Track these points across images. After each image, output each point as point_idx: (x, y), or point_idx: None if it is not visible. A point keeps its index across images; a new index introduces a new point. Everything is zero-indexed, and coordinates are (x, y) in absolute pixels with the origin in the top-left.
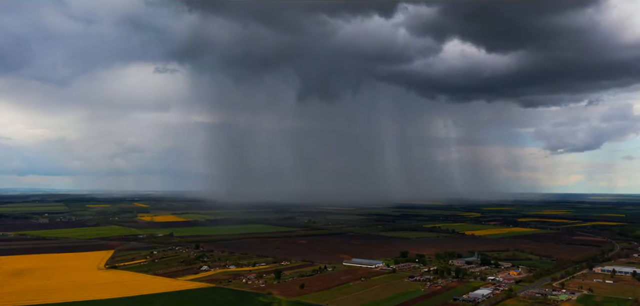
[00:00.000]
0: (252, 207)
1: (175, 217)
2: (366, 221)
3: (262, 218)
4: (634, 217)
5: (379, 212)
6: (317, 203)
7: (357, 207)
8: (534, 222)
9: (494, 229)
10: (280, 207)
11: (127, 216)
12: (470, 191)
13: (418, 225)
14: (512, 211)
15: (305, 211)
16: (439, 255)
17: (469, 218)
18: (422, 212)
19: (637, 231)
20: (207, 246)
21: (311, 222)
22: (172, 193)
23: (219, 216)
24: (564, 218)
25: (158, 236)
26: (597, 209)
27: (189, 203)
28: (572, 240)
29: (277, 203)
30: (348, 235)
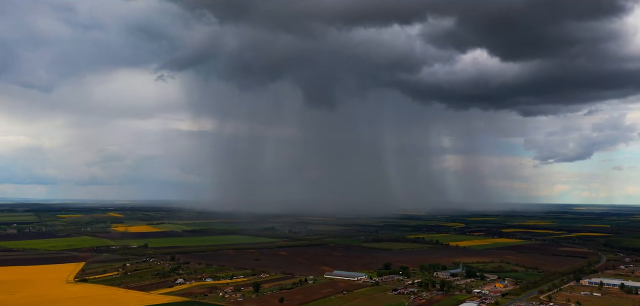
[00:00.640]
0: (234, 217)
1: (151, 228)
2: (348, 232)
3: (242, 228)
4: (619, 227)
5: (361, 222)
6: (303, 213)
7: (342, 217)
8: (519, 233)
9: (478, 240)
10: (263, 217)
11: (100, 226)
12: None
13: (401, 236)
14: (497, 222)
15: (287, 221)
16: (423, 267)
17: (453, 229)
18: (407, 223)
19: (623, 243)
20: (184, 258)
21: (292, 233)
22: (151, 203)
23: (198, 226)
24: (549, 229)
25: (132, 247)
26: (582, 220)
27: (166, 213)
28: (558, 251)
29: (261, 213)
30: (330, 246)
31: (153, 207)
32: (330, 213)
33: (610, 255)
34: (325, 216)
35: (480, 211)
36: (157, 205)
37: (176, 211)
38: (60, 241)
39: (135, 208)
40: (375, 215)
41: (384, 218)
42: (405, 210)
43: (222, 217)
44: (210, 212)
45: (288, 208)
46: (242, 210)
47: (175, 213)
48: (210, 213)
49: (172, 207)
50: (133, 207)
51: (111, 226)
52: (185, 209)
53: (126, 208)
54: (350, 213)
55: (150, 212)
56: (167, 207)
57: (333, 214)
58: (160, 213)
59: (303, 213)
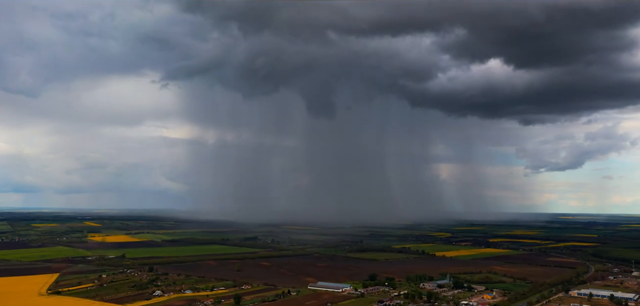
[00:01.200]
0: (215, 226)
1: (129, 237)
2: (333, 241)
3: (224, 238)
4: (605, 237)
5: (346, 232)
6: (295, 222)
7: (329, 226)
8: (506, 243)
9: (465, 250)
10: (247, 225)
11: (76, 236)
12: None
13: (387, 246)
14: (483, 231)
15: (270, 231)
16: (409, 278)
17: (439, 238)
18: (394, 232)
19: (610, 253)
20: (162, 268)
21: (275, 243)
22: (133, 212)
23: (178, 236)
24: (536, 239)
25: (108, 258)
26: (569, 229)
27: (145, 222)
28: (545, 261)
29: (247, 222)
30: (314, 256)
31: (133, 216)
32: (320, 222)
33: (598, 265)
34: (313, 225)
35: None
36: (139, 214)
37: (157, 220)
38: (33, 251)
39: (113, 217)
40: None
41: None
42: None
43: (205, 226)
44: (193, 221)
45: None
46: (229, 219)
47: (155, 222)
48: (192, 222)
49: (154, 216)
50: (111, 216)
51: (87, 235)
52: (167, 217)
53: (104, 217)
54: (336, 221)
55: (129, 221)
56: (149, 215)
57: (322, 223)
58: (139, 222)
59: (294, 222)
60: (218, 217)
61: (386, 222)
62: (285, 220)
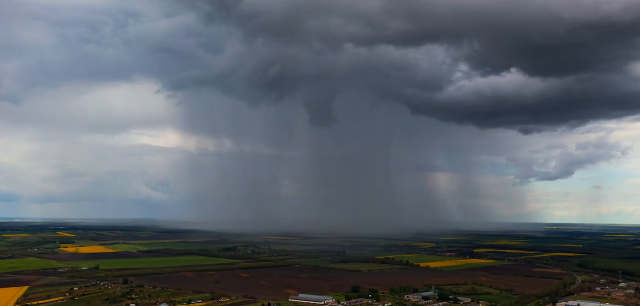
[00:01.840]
0: (195, 235)
1: (103, 248)
2: (315, 252)
3: (202, 249)
4: (591, 247)
5: (328, 242)
6: (267, 233)
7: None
8: (491, 253)
9: (450, 261)
10: (227, 235)
11: (48, 247)
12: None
13: (370, 256)
14: (468, 241)
15: (249, 241)
16: (393, 290)
17: (423, 248)
18: (376, 243)
19: (597, 263)
20: (137, 280)
21: (255, 254)
22: (112, 221)
23: (155, 246)
24: (522, 249)
25: (81, 269)
26: (554, 239)
27: (121, 232)
28: (532, 272)
29: (228, 232)
30: (295, 268)
31: (109, 226)
32: (309, 232)
33: (584, 276)
34: (317, 235)
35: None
36: (117, 224)
37: (134, 229)
38: (2, 263)
39: (88, 227)
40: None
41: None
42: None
43: (184, 236)
44: (173, 231)
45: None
46: (207, 229)
47: (132, 232)
48: (171, 232)
49: (133, 225)
50: (86, 226)
51: (60, 246)
52: (146, 227)
53: (79, 226)
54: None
55: (104, 231)
56: (128, 225)
57: (312, 233)
58: (115, 232)
59: (289, 232)
60: (202, 227)
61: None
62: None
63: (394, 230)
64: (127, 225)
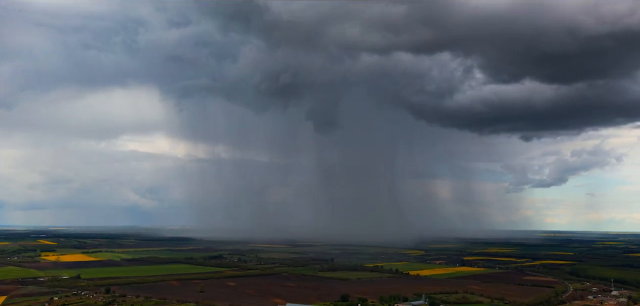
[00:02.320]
0: (178, 243)
1: (85, 256)
2: (302, 260)
3: (188, 257)
4: (582, 255)
5: (316, 250)
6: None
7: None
8: (481, 261)
9: (439, 268)
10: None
11: (28, 255)
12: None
13: (359, 264)
14: (458, 248)
15: (236, 249)
16: (383, 299)
17: (412, 256)
18: (366, 250)
19: (588, 271)
20: (120, 290)
21: (242, 261)
22: (98, 229)
23: (139, 254)
24: (512, 257)
25: (62, 278)
26: (544, 247)
27: (105, 240)
28: (522, 280)
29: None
30: (282, 276)
31: (93, 233)
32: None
33: (576, 284)
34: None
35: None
36: (105, 231)
37: (118, 237)
38: None
39: (70, 235)
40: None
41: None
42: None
43: (171, 243)
44: (158, 238)
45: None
46: (191, 235)
47: (115, 239)
48: (156, 240)
49: (119, 233)
50: (68, 233)
51: (41, 254)
52: (130, 235)
53: (60, 234)
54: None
55: (87, 239)
56: (114, 233)
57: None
58: (98, 240)
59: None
60: (184, 234)
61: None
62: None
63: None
64: (118, 232)
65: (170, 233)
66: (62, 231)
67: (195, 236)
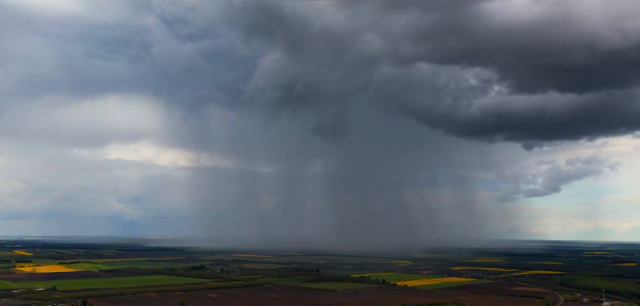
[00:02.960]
0: (159, 253)
1: (63, 267)
2: (286, 270)
3: (169, 267)
4: (571, 265)
5: (300, 260)
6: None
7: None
8: (469, 271)
9: (427, 279)
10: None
11: (2, 266)
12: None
13: (345, 275)
14: (445, 258)
15: (218, 259)
16: None
17: (399, 266)
18: (351, 260)
19: (577, 281)
20: (97, 302)
21: (224, 272)
22: (81, 239)
23: (119, 265)
24: (500, 267)
25: (37, 290)
26: (533, 256)
27: (83, 250)
28: (512, 291)
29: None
30: (266, 287)
31: (73, 243)
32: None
33: (566, 295)
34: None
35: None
36: (82, 241)
37: (95, 247)
38: None
39: (47, 245)
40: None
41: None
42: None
43: (151, 254)
44: (138, 248)
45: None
46: (172, 245)
47: (93, 250)
48: (136, 250)
49: (101, 243)
50: (45, 243)
51: (15, 265)
52: (109, 245)
53: (37, 244)
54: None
55: (64, 249)
56: (95, 243)
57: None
58: (76, 250)
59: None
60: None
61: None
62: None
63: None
64: (92, 242)
65: (168, 243)
66: (38, 241)
67: (185, 246)
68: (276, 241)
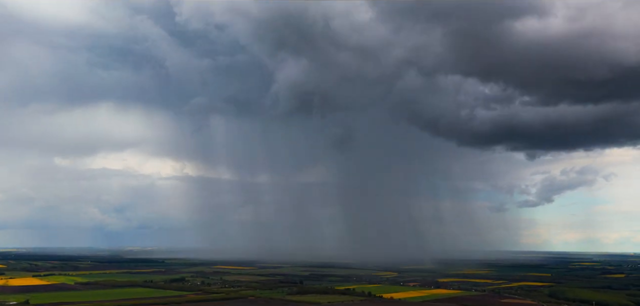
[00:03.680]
0: (138, 264)
1: (36, 280)
2: (270, 282)
3: (147, 280)
4: (559, 276)
5: (284, 271)
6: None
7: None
8: (456, 283)
9: (414, 291)
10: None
11: None
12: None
13: (329, 287)
14: (432, 270)
15: (199, 271)
16: None
17: (385, 278)
18: (336, 272)
19: (567, 293)
20: None
21: (205, 285)
22: (57, 250)
23: (95, 277)
24: (488, 278)
25: (9, 304)
26: (520, 268)
27: (58, 262)
28: (501, 303)
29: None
30: (248, 300)
31: (49, 255)
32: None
33: None
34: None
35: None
36: (63, 253)
37: (72, 259)
38: None
39: (20, 256)
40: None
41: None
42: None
43: (130, 265)
44: (116, 260)
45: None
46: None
47: (70, 262)
48: (114, 262)
49: (81, 254)
50: (19, 255)
51: None
52: (88, 257)
53: (10, 255)
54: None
55: (39, 261)
56: (74, 254)
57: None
58: (51, 262)
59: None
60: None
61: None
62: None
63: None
64: (71, 254)
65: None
66: (12, 253)
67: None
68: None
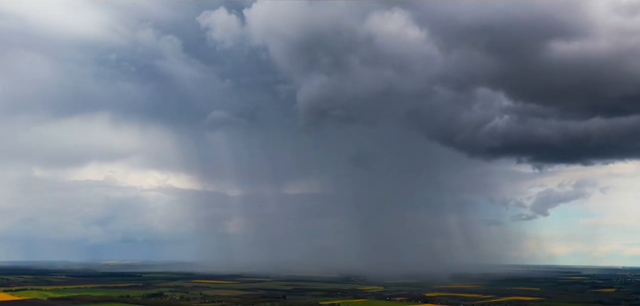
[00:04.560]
0: (115, 279)
1: (7, 295)
2: (251, 297)
3: (123, 295)
4: (549, 290)
5: (267, 285)
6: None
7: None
8: (444, 297)
9: (400, 305)
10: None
11: None
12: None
13: (313, 302)
14: (419, 284)
15: (178, 285)
16: None
17: (370, 292)
18: (319, 286)
19: None
20: None
21: (184, 300)
22: (36, 264)
23: (70, 292)
24: (477, 293)
25: None
26: (510, 282)
27: (30, 276)
28: None
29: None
30: None
31: (22, 268)
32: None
33: None
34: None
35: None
36: (43, 266)
37: (47, 273)
38: None
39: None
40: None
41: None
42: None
43: (106, 280)
44: (92, 274)
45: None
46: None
47: (43, 276)
48: (89, 276)
49: (56, 268)
50: None
51: None
52: (61, 271)
53: None
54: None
55: (11, 276)
56: (49, 268)
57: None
58: (23, 276)
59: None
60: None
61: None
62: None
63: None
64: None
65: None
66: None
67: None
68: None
